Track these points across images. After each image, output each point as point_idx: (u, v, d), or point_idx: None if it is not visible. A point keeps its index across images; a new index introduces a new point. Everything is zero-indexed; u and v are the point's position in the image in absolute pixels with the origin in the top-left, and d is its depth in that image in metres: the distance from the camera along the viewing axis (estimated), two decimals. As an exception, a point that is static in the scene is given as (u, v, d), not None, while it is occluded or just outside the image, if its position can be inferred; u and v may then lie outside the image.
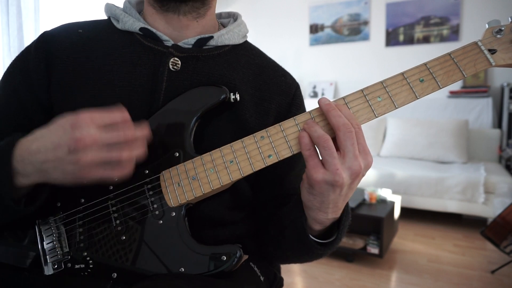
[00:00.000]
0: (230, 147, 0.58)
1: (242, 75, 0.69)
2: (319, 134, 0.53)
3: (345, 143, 0.52)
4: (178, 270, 0.58)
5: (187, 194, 0.59)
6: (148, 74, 0.65)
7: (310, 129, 0.54)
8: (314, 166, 0.53)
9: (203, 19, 0.69)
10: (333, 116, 0.53)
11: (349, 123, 0.53)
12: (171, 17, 0.67)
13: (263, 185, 0.72)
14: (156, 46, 0.66)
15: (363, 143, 0.54)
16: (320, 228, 0.61)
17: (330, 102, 0.55)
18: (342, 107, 0.55)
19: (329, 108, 0.54)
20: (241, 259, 0.59)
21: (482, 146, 3.50)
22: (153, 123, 0.62)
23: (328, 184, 0.52)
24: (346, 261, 2.42)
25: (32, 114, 0.66)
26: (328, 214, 0.57)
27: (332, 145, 0.52)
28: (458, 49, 0.57)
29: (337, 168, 0.51)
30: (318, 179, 0.52)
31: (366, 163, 0.54)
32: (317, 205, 0.56)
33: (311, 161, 0.53)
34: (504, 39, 0.57)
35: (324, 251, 0.63)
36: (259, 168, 0.57)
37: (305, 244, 0.62)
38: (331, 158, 0.52)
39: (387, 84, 0.57)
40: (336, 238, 0.62)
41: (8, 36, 2.51)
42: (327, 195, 0.54)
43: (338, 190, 0.53)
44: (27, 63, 0.65)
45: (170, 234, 0.60)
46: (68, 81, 0.64)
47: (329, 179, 0.52)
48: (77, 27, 0.69)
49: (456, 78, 0.56)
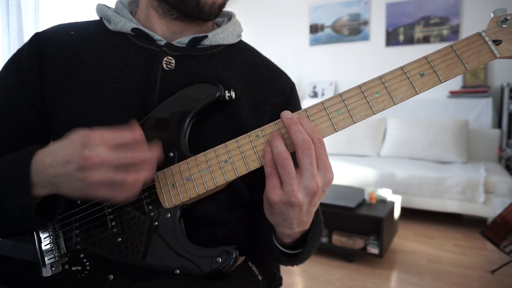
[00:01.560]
0: (225, 147, 0.58)
1: (237, 75, 0.69)
2: (279, 150, 0.52)
3: (303, 160, 0.51)
4: (174, 272, 0.58)
5: (182, 195, 0.58)
6: (141, 74, 0.65)
7: (272, 143, 0.53)
8: (273, 187, 0.52)
9: (205, 25, 0.70)
10: (293, 131, 0.52)
11: (309, 138, 0.51)
12: (175, 23, 0.67)
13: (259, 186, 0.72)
14: (149, 45, 0.66)
15: (324, 158, 0.52)
16: (290, 241, 0.61)
17: (292, 116, 0.54)
18: (305, 120, 0.54)
19: (290, 123, 0.53)
20: (237, 260, 0.58)
21: (482, 146, 3.49)
22: (147, 123, 0.62)
23: (286, 205, 0.52)
24: (346, 261, 2.42)
25: (26, 115, 0.66)
26: (294, 229, 0.57)
27: (290, 164, 0.51)
28: (461, 41, 0.54)
29: (293, 190, 0.50)
30: (275, 200, 0.52)
31: (325, 180, 0.52)
32: (280, 222, 0.56)
33: (270, 180, 0.53)
34: (510, 29, 0.53)
35: (295, 262, 0.64)
36: (254, 168, 0.57)
37: (276, 253, 0.64)
38: (288, 178, 0.51)
39: (385, 79, 0.55)
40: (303, 250, 0.61)
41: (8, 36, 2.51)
42: (287, 213, 0.54)
43: (297, 209, 0.52)
44: (20, 64, 0.65)
45: (165, 235, 0.60)
46: (61, 83, 0.64)
47: (285, 200, 0.51)
48: (69, 29, 0.69)
49: (459, 71, 0.54)
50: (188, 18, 0.66)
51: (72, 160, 0.49)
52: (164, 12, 0.66)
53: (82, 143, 0.49)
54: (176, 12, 0.65)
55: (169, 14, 0.66)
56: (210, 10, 0.64)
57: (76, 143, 0.50)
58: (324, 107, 0.56)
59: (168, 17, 0.67)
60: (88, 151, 0.48)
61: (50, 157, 0.52)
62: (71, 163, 0.49)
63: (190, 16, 0.65)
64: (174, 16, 0.66)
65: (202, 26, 0.70)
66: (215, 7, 0.64)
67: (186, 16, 0.66)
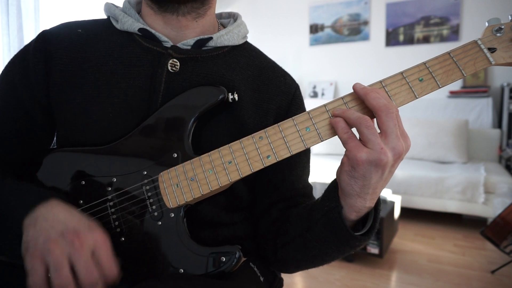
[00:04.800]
0: (229, 148, 0.58)
1: (241, 76, 0.69)
2: (358, 115, 0.53)
3: (387, 123, 0.51)
4: (178, 271, 0.58)
5: (186, 195, 0.59)
6: (146, 75, 0.65)
7: (346, 112, 0.54)
8: (356, 146, 0.52)
9: (202, 19, 0.68)
10: (372, 98, 0.52)
11: (390, 103, 0.52)
12: (170, 17, 0.66)
13: (265, 189, 0.71)
14: (155, 47, 0.66)
15: (402, 126, 0.53)
16: (355, 218, 0.58)
17: (366, 86, 0.55)
18: (380, 90, 0.55)
19: (367, 91, 0.53)
20: (241, 259, 0.59)
21: (482, 146, 3.49)
22: (151, 124, 0.62)
23: (372, 164, 0.51)
24: (346, 261, 2.42)
25: (31, 111, 0.66)
26: (366, 201, 0.56)
27: (374, 125, 0.52)
28: (458, 48, 0.57)
29: (382, 147, 0.50)
30: (362, 158, 0.51)
31: (406, 145, 0.53)
32: (357, 190, 0.54)
33: (351, 142, 0.52)
34: (504, 38, 0.56)
35: (360, 243, 0.59)
36: (258, 168, 0.57)
37: (340, 237, 0.58)
38: (374, 137, 0.51)
39: (386, 83, 0.56)
40: (372, 227, 0.59)
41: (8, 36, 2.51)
42: (369, 177, 0.52)
43: (381, 171, 0.52)
44: (26, 62, 0.65)
45: (169, 235, 0.60)
46: (66, 81, 0.64)
47: (373, 158, 0.50)
48: (77, 27, 0.69)
49: (456, 77, 0.56)
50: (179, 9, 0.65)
51: (66, 237, 0.50)
52: (158, 8, 0.66)
53: (89, 246, 0.51)
54: (163, 2, 0.65)
55: (160, 7, 0.65)
56: None
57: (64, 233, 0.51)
58: (327, 109, 0.57)
59: (161, 11, 0.66)
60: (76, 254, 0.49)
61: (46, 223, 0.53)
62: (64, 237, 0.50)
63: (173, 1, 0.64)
64: (163, 8, 0.65)
65: (199, 20, 0.68)
66: None
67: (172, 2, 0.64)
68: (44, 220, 0.53)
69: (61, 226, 0.51)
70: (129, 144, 0.63)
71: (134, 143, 0.62)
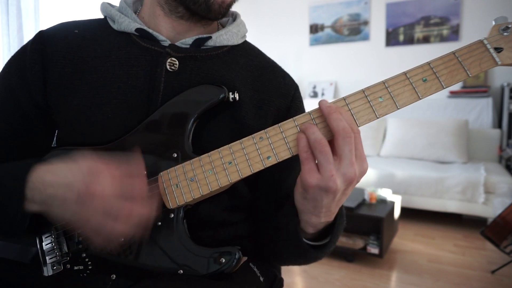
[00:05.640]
0: (229, 148, 0.58)
1: (241, 77, 0.68)
2: (317, 137, 0.52)
3: (343, 148, 0.51)
4: (177, 272, 0.58)
5: (186, 195, 0.58)
6: (145, 75, 0.64)
7: (308, 131, 0.53)
8: (309, 170, 0.52)
9: (209, 25, 0.70)
10: (333, 119, 0.52)
11: (349, 127, 0.51)
12: (180, 22, 0.66)
13: (262, 188, 0.71)
14: (153, 46, 0.65)
15: (360, 149, 0.52)
16: (313, 232, 0.60)
17: (331, 105, 0.54)
18: (343, 110, 0.54)
19: (330, 111, 0.53)
20: (240, 260, 0.58)
21: (482, 146, 3.49)
22: (151, 124, 0.62)
23: (322, 190, 0.51)
24: (346, 261, 2.42)
25: (28, 113, 0.65)
26: (321, 218, 0.57)
27: (329, 149, 0.51)
28: (463, 48, 0.55)
29: (332, 174, 0.50)
30: (312, 184, 0.51)
31: (361, 170, 0.52)
32: (310, 209, 0.56)
33: (306, 164, 0.52)
34: (511, 37, 0.54)
35: (318, 254, 0.63)
36: (258, 169, 0.56)
37: (299, 247, 0.61)
38: (326, 163, 0.51)
39: (389, 84, 0.55)
40: (330, 241, 0.61)
41: (8, 36, 2.51)
42: (320, 200, 0.53)
43: (331, 196, 0.52)
44: (23, 62, 0.65)
45: (168, 235, 0.60)
46: (64, 82, 0.64)
47: (322, 184, 0.51)
48: (73, 27, 0.68)
49: (460, 78, 0.54)
50: (194, 17, 0.66)
51: (74, 185, 0.50)
52: (170, 10, 0.65)
53: (89, 172, 0.50)
54: (183, 9, 0.65)
55: (175, 12, 0.65)
56: (218, 9, 0.63)
57: (83, 169, 0.51)
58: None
59: (174, 15, 0.66)
60: (93, 181, 0.49)
61: (51, 176, 0.53)
62: (72, 188, 0.50)
63: (197, 14, 0.65)
64: (180, 14, 0.65)
65: (206, 26, 0.69)
66: (224, 6, 0.64)
67: (193, 15, 0.65)
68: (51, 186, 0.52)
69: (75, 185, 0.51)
70: (129, 144, 0.62)
71: (134, 142, 0.62)
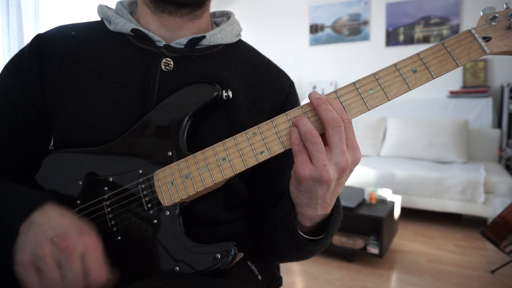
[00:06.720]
0: (223, 144, 0.58)
1: (235, 74, 0.69)
2: (308, 129, 0.52)
3: (333, 137, 0.51)
4: (173, 269, 0.58)
5: (181, 192, 0.59)
6: (140, 75, 0.65)
7: (299, 123, 0.54)
8: (302, 162, 0.52)
9: (198, 21, 0.69)
10: (323, 110, 0.53)
11: (338, 117, 0.52)
12: (167, 18, 0.67)
13: (259, 185, 0.72)
14: (148, 47, 0.66)
15: (352, 138, 0.53)
16: (310, 225, 0.61)
17: (321, 96, 0.55)
18: (334, 101, 0.54)
19: (319, 102, 0.53)
20: (236, 257, 0.58)
21: (482, 146, 3.49)
22: (146, 123, 0.63)
23: (315, 181, 0.52)
24: (346, 261, 2.42)
25: (27, 115, 0.66)
26: (317, 210, 0.57)
27: (320, 140, 0.52)
28: (452, 38, 0.56)
29: (324, 164, 0.51)
30: (305, 175, 0.52)
31: (354, 158, 0.53)
32: (306, 201, 0.56)
33: (299, 157, 0.53)
34: (499, 26, 0.55)
35: (315, 248, 0.63)
36: (252, 164, 0.57)
37: (296, 241, 0.61)
38: (318, 154, 0.51)
39: (379, 76, 0.56)
40: (326, 234, 0.61)
41: (8, 36, 2.52)
42: (315, 191, 0.54)
43: (325, 186, 0.53)
44: (21, 65, 0.66)
45: (164, 233, 0.60)
46: (62, 84, 0.65)
47: (316, 175, 0.51)
48: (71, 29, 0.69)
49: (450, 67, 0.55)
50: (171, 7, 0.65)
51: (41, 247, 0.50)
52: (154, 7, 0.66)
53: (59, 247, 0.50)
54: (161, 2, 0.65)
55: (157, 7, 0.66)
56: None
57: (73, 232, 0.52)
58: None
59: (158, 11, 0.66)
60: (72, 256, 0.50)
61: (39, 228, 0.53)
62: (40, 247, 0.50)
63: (171, 3, 0.64)
64: (161, 9, 0.65)
65: (195, 21, 0.69)
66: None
67: (168, 3, 0.64)
68: (37, 225, 0.53)
69: (52, 231, 0.51)
70: (125, 144, 0.63)
71: (130, 142, 0.63)
